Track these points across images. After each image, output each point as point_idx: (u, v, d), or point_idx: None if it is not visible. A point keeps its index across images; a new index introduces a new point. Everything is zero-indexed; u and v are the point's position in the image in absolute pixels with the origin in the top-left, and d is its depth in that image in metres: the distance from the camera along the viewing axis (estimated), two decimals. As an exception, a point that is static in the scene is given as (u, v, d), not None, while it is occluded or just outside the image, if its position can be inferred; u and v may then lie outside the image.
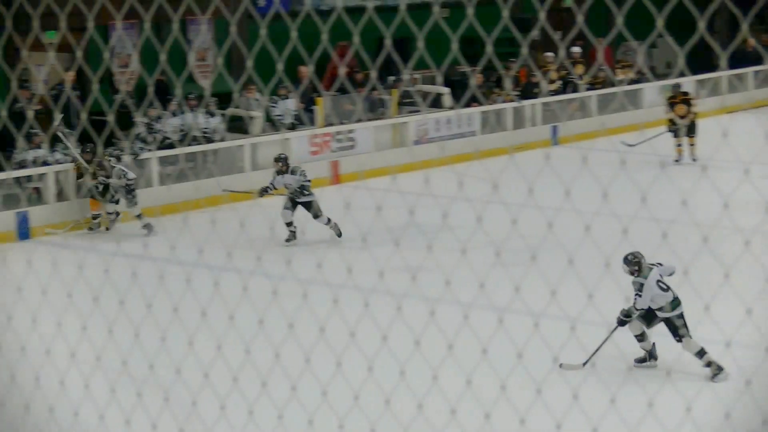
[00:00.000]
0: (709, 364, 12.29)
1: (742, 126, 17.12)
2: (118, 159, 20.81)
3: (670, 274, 12.54)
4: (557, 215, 6.79)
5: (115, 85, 24.01)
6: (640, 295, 12.57)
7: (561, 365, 11.49)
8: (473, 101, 25.20)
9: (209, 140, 22.98)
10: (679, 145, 23.15)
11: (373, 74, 24.89)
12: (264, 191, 18.77)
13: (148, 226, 19.14)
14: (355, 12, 7.78)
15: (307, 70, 24.46)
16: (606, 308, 10.22)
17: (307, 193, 18.61)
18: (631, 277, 12.58)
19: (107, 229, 19.71)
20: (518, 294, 5.48)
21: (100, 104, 17.42)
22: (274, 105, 24.51)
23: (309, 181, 18.81)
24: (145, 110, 22.25)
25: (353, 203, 17.66)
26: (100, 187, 19.77)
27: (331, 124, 24.72)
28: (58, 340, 7.04)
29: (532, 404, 5.76)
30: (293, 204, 18.69)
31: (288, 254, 16.62)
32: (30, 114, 19.93)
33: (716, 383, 11.86)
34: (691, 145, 22.33)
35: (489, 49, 4.94)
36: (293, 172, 18.97)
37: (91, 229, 20.01)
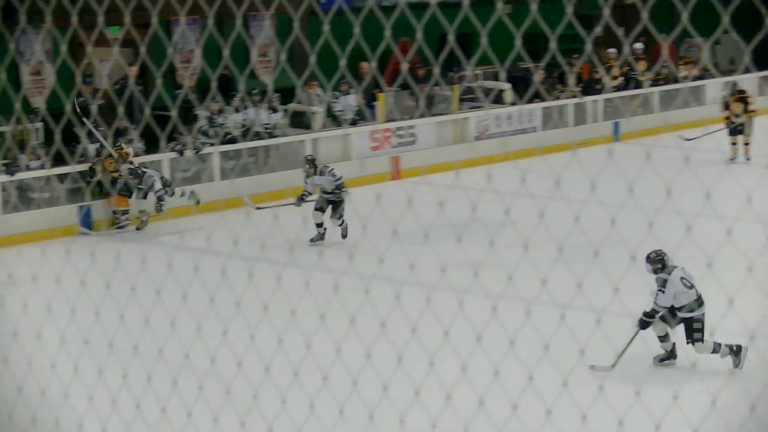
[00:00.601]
0: (730, 352, 12.16)
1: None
2: (181, 153, 21.43)
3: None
4: (620, 212, 6.84)
5: (178, 80, 24.07)
6: (663, 291, 12.48)
7: (592, 367, 11.59)
8: (535, 97, 25.11)
9: (271, 136, 23.18)
10: (734, 144, 23.03)
11: (436, 70, 24.62)
12: (301, 199, 18.55)
13: (142, 224, 19.36)
14: (418, 8, 7.75)
15: (368, 66, 24.35)
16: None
17: (343, 190, 18.61)
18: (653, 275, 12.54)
19: (138, 228, 19.74)
20: (580, 290, 5.49)
21: (163, 99, 17.49)
22: (335, 100, 24.60)
23: (340, 179, 18.70)
24: (208, 105, 22.39)
25: (415, 198, 17.57)
26: (124, 184, 19.83)
27: (392, 120, 24.72)
28: (120, 333, 7.23)
29: (593, 400, 5.78)
30: (327, 204, 18.58)
31: (350, 249, 16.59)
32: (93, 109, 21.32)
33: (740, 370, 11.86)
34: (746, 144, 22.26)
35: (552, 45, 4.97)
36: (321, 173, 18.89)
37: (121, 227, 19.94)
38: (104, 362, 6.72)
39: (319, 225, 18.15)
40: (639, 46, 27.41)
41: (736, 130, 22.89)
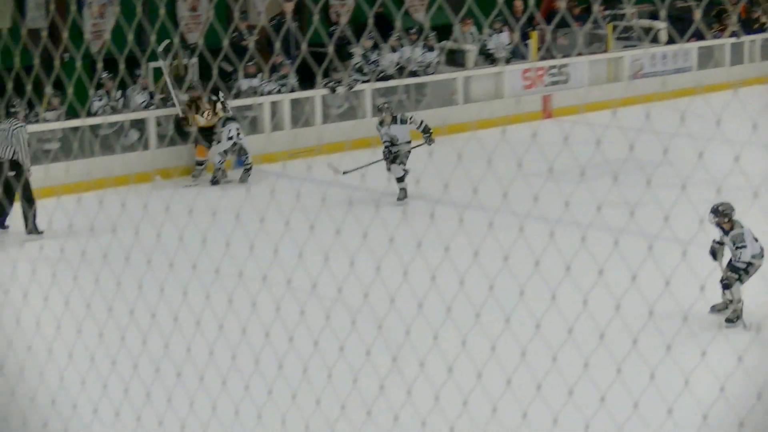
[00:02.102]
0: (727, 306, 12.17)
1: None
2: (333, 90, 21.40)
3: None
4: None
5: (332, 17, 24.29)
6: (744, 246, 12.13)
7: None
8: (693, 36, 25.02)
9: (425, 74, 23.27)
10: None
11: (595, 8, 25.26)
12: (388, 152, 17.96)
13: (219, 173, 19.03)
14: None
15: (521, 4, 24.93)
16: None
17: (427, 137, 18.04)
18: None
19: (215, 181, 19.70)
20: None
21: (319, 35, 17.44)
22: (488, 38, 24.58)
23: (422, 124, 18.12)
24: (363, 42, 22.61)
25: (571, 136, 17.58)
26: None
27: (545, 59, 24.69)
28: (275, 267, 7.53)
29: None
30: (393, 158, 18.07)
31: (504, 186, 16.56)
32: (250, 45, 22.37)
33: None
34: None
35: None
36: (403, 122, 18.21)
37: (194, 176, 19.93)
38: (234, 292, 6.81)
39: (401, 179, 17.85)
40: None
41: None
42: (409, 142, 17.91)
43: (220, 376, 6.81)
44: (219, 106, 20.06)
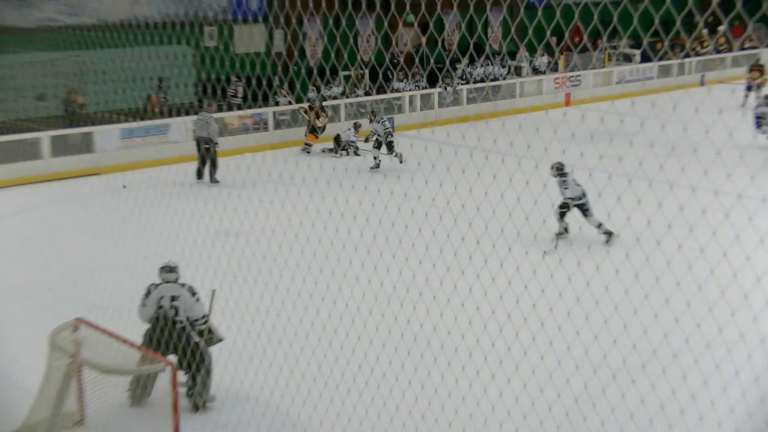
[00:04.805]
0: (607, 232, 13.11)
1: None
2: (445, 88, 25.16)
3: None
4: None
5: (447, 45, 28.11)
6: (567, 188, 13.03)
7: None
8: (658, 58, 28.47)
9: (494, 79, 26.10)
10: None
11: (600, 42, 29.11)
12: (375, 141, 19.85)
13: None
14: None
15: (555, 39, 29.27)
16: None
17: (392, 136, 19.86)
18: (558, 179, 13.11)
19: (333, 151, 21.78)
20: None
21: (441, 56, 25.99)
22: (535, 59, 28.75)
23: (389, 128, 19.89)
24: (464, 60, 26.16)
25: (584, 117, 20.14)
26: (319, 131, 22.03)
27: (568, 71, 28.01)
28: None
29: None
30: (379, 144, 19.88)
31: (545, 143, 14.47)
32: (401, 61, 26.66)
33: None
34: None
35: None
36: (379, 122, 20.10)
37: (307, 152, 22.12)
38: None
39: (376, 157, 19.86)
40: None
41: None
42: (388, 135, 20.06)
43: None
44: (327, 111, 22.18)
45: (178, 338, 8.35)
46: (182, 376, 8.87)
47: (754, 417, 6.19)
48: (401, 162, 19.48)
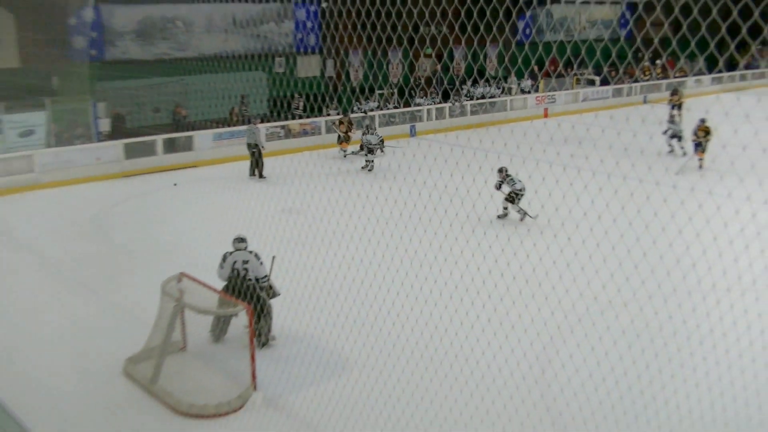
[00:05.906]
0: (521, 211, 12.17)
1: None
2: (453, 103, 24.25)
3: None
4: None
5: (454, 71, 27.17)
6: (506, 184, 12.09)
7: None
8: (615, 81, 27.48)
9: (493, 97, 25.49)
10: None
11: (574, 71, 27.99)
12: (366, 149, 18.03)
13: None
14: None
15: (537, 68, 28.02)
16: None
17: (383, 144, 18.76)
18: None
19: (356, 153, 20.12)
20: None
21: (452, 79, 24.46)
22: (522, 82, 27.82)
23: (381, 138, 18.73)
24: (468, 82, 25.65)
25: (559, 126, 18.80)
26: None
27: (547, 91, 26.93)
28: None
29: None
30: (369, 150, 18.13)
31: (530, 144, 16.04)
32: (422, 83, 25.55)
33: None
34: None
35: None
36: (371, 133, 18.59)
37: (344, 156, 20.51)
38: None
39: (370, 161, 18.10)
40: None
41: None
42: (381, 142, 19.07)
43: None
44: (353, 125, 20.60)
45: (248, 292, 8.38)
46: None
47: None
48: (370, 170, 18.03)
